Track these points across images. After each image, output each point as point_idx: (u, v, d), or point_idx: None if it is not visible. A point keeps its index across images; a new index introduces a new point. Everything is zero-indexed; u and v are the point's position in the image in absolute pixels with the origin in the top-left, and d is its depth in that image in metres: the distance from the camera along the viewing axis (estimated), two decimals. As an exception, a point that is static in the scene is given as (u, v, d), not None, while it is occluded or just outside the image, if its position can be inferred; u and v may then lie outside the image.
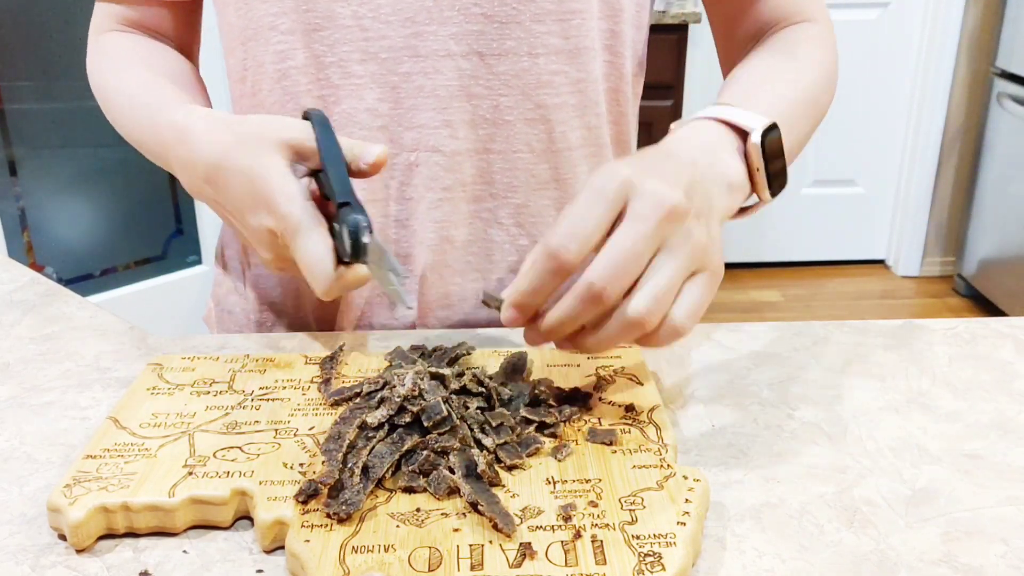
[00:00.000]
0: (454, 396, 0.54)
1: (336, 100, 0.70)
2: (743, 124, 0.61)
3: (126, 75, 0.75)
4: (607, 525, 0.46)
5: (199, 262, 2.49)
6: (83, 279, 2.32)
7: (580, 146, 0.75)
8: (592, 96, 0.74)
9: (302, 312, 0.79)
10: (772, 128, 0.61)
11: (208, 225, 2.45)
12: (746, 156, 0.61)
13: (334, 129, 0.60)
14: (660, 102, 2.51)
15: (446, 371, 0.55)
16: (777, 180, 0.62)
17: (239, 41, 0.73)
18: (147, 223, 2.41)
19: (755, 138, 0.60)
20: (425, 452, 0.50)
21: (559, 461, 0.51)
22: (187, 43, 0.82)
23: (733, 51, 0.80)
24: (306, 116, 0.62)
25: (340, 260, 0.57)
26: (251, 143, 0.58)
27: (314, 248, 0.56)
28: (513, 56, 0.70)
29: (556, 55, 0.71)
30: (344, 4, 0.68)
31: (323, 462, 0.49)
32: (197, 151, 0.61)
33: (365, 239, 0.55)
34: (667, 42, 2.47)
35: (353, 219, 0.56)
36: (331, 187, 0.57)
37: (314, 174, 0.60)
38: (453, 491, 0.49)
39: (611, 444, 0.53)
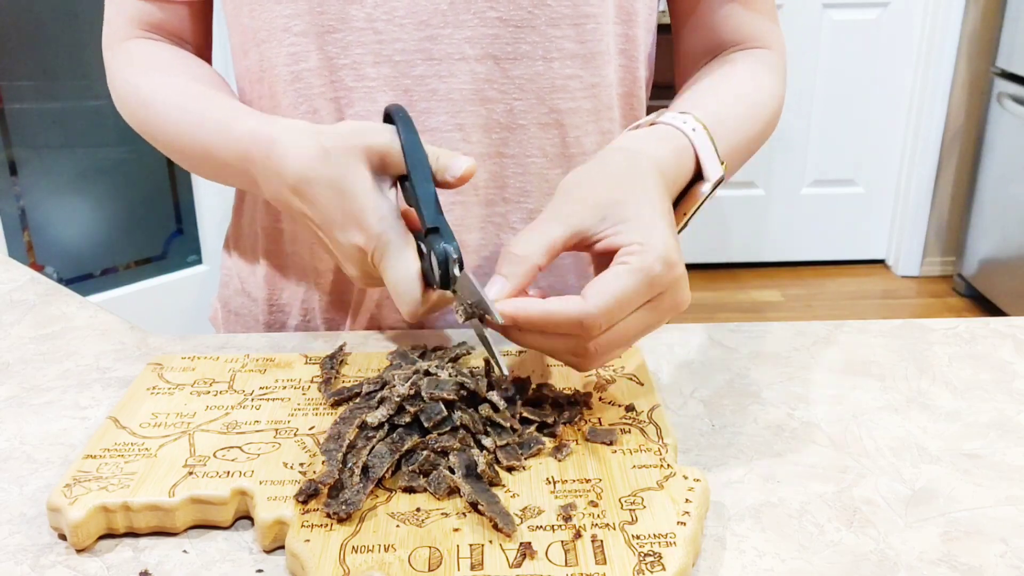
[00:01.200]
0: (454, 396, 0.54)
1: (349, 102, 0.70)
2: (706, 169, 0.63)
3: (171, 86, 0.73)
4: (607, 525, 0.46)
5: (199, 262, 2.49)
6: (83, 279, 2.32)
7: (594, 151, 0.75)
8: (606, 101, 0.74)
9: (310, 316, 0.78)
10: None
11: (208, 225, 2.45)
12: (683, 192, 0.63)
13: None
14: (660, 101, 2.51)
15: (443, 374, 0.54)
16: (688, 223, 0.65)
17: (253, 43, 0.73)
18: (147, 223, 2.40)
19: (704, 189, 0.62)
20: (425, 452, 0.50)
21: (559, 461, 0.51)
22: (205, 47, 0.81)
23: (689, 67, 0.81)
24: (388, 114, 0.60)
25: (428, 281, 0.57)
26: (337, 155, 0.57)
27: (403, 271, 0.56)
28: (528, 60, 0.70)
29: (571, 59, 0.71)
30: (358, 6, 0.68)
31: (323, 462, 0.49)
32: (285, 164, 0.59)
33: (456, 272, 0.55)
34: (667, 42, 2.47)
35: (442, 249, 0.55)
36: (419, 208, 0.56)
37: (401, 179, 0.59)
38: (453, 491, 0.49)
39: (611, 444, 0.53)
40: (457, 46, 0.68)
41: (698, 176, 0.63)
